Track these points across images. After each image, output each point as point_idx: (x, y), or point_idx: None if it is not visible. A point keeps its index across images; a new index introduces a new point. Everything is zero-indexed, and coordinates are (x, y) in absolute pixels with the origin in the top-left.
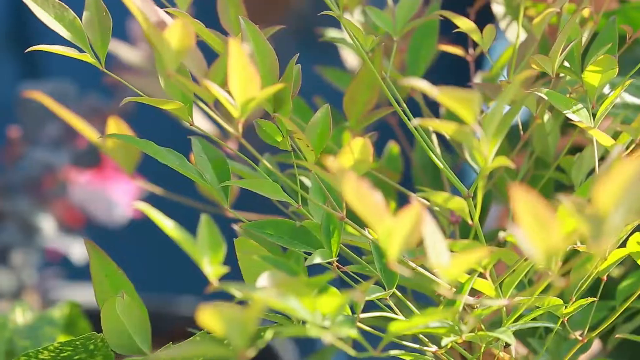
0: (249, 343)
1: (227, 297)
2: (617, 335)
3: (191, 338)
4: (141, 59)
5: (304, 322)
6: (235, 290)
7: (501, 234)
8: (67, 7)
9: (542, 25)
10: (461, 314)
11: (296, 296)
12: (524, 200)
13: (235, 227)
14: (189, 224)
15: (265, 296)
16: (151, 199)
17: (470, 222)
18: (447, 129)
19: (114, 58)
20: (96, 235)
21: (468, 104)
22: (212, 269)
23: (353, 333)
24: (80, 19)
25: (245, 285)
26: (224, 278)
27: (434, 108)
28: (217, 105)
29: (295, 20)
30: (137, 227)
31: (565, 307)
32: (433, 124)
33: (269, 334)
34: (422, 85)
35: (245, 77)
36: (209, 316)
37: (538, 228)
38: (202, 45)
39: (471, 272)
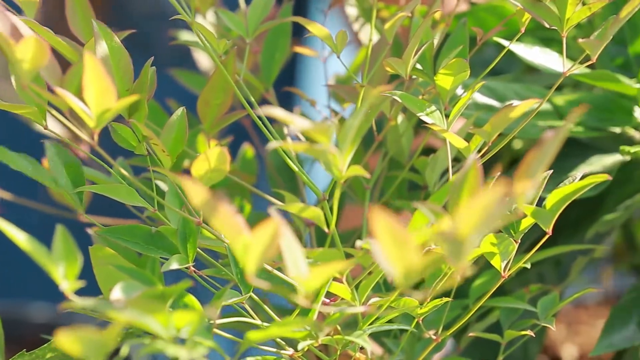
0: None
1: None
2: (470, 334)
3: (45, 345)
4: None
5: None
6: (89, 305)
7: (357, 243)
8: None
9: (394, 28)
10: (317, 321)
11: (149, 312)
12: (382, 222)
13: (90, 231)
14: (40, 227)
15: (120, 314)
16: (3, 205)
17: (326, 229)
18: (301, 148)
19: None
20: None
21: (326, 134)
22: (67, 283)
23: (210, 344)
24: None
25: (99, 302)
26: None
27: (288, 108)
28: (71, 109)
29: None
30: None
31: (420, 307)
32: (288, 146)
33: (124, 350)
34: (281, 114)
35: (101, 88)
36: (66, 339)
37: (397, 249)
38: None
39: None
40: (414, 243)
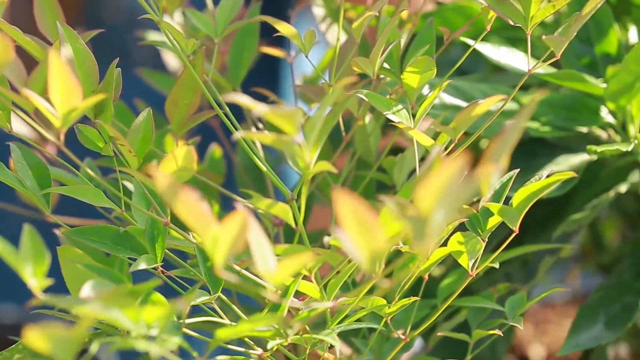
0: (75, 358)
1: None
2: (438, 333)
3: (13, 346)
4: None
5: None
6: (59, 303)
7: (325, 239)
8: None
9: (362, 28)
10: (286, 318)
11: (119, 307)
12: (347, 204)
13: (57, 232)
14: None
15: (90, 310)
16: None
17: (294, 226)
18: (267, 139)
19: None
20: None
21: (290, 119)
22: (35, 281)
23: (179, 341)
24: None
25: (69, 298)
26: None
27: None
28: (37, 110)
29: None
30: None
31: (389, 306)
32: (254, 135)
33: (94, 347)
34: (245, 101)
35: (66, 88)
36: (35, 336)
37: (361, 232)
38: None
39: (296, 275)
40: (380, 227)
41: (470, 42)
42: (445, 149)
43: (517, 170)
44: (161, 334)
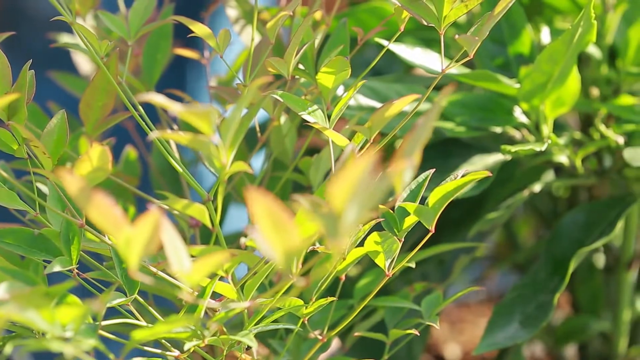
0: None
1: None
2: (355, 334)
3: None
4: None
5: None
6: None
7: (242, 240)
8: None
9: (277, 28)
10: (203, 318)
11: (34, 308)
12: (261, 203)
13: None
14: None
15: (5, 311)
16: None
17: (210, 227)
18: (183, 139)
19: None
20: None
21: (206, 118)
22: None
23: (94, 343)
24: None
25: None
26: None
27: None
28: None
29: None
30: None
31: (306, 307)
32: (170, 136)
33: (8, 348)
34: (161, 100)
35: None
36: None
37: (276, 230)
38: None
39: (213, 276)
40: (295, 225)
41: (384, 42)
42: (361, 149)
43: (432, 170)
44: (76, 335)
